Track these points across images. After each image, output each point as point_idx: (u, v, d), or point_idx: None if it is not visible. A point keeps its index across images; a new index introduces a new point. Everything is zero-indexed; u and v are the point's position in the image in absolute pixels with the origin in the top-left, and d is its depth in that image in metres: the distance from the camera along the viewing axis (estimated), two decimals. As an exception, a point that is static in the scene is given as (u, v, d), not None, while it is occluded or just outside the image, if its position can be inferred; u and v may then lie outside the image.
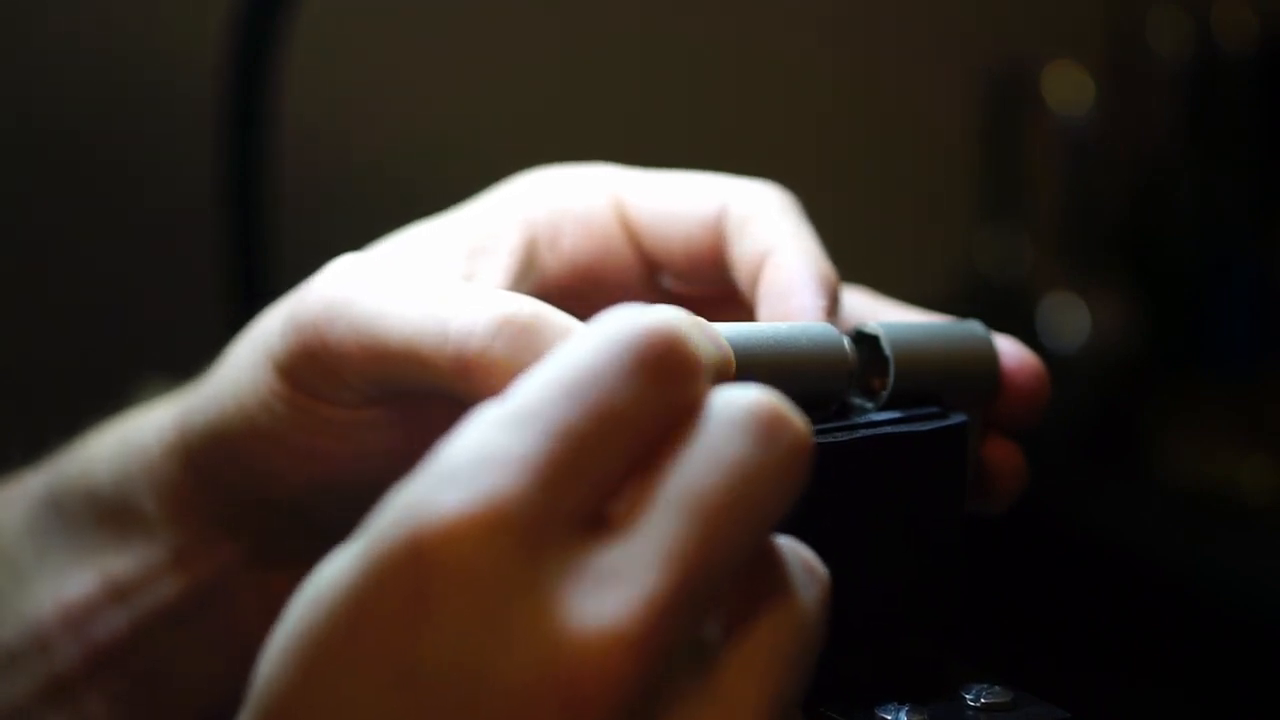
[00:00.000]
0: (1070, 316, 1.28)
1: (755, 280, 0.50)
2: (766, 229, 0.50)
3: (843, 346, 0.46)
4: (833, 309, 0.49)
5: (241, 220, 0.86)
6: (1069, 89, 1.30)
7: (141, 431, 0.54)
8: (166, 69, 1.03)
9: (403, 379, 0.47)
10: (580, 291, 0.53)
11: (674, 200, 0.52)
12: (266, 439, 0.49)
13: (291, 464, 0.50)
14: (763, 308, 0.49)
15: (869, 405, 0.47)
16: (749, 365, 0.44)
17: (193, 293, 1.01)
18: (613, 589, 0.34)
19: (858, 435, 0.45)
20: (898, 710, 0.43)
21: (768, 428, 0.37)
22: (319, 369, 0.48)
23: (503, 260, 0.51)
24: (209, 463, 0.51)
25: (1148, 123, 1.32)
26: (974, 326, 0.50)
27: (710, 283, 0.53)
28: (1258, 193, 1.31)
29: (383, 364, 0.46)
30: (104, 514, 0.54)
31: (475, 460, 0.35)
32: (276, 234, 0.87)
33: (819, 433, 0.44)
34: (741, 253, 0.51)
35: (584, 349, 0.36)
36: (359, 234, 0.59)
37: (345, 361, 0.47)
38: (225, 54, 0.85)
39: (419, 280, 0.47)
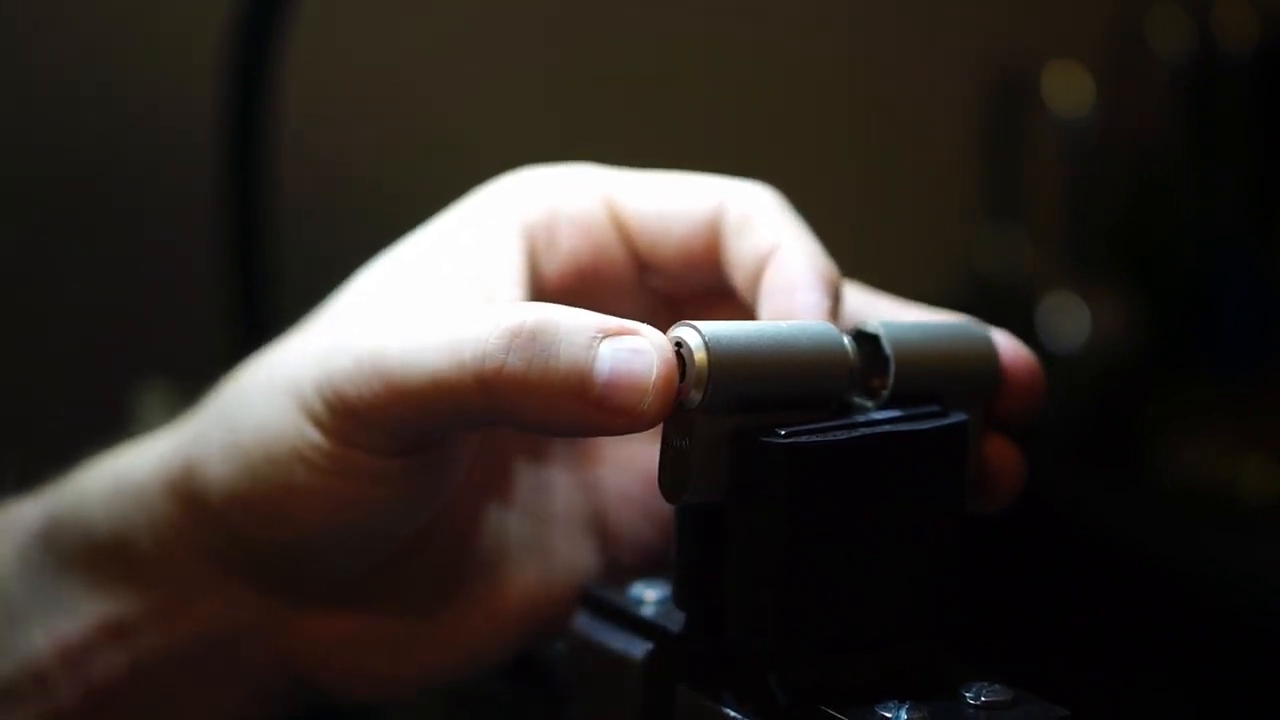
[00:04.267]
0: (1070, 316, 1.28)
1: (755, 279, 0.50)
2: (767, 228, 0.50)
3: (843, 346, 0.46)
4: (835, 307, 0.49)
5: (241, 224, 0.86)
6: (1069, 89, 1.30)
7: (137, 470, 0.53)
8: (165, 72, 1.03)
9: (439, 417, 0.46)
10: (577, 292, 0.53)
11: (667, 201, 0.52)
12: (301, 490, 0.49)
13: (325, 513, 0.49)
14: (765, 306, 0.49)
15: (869, 405, 0.47)
16: (749, 365, 0.44)
17: (192, 297, 1.00)
18: None
19: (857, 435, 0.45)
20: (898, 709, 0.43)
21: None
22: (362, 425, 0.47)
23: (515, 274, 0.51)
24: (228, 512, 0.51)
25: (1148, 123, 1.33)
26: (973, 325, 0.50)
27: (704, 283, 0.53)
28: (1258, 193, 1.31)
29: (417, 409, 0.46)
30: (100, 555, 0.53)
31: None
32: (276, 238, 0.87)
33: (819, 431, 0.44)
34: (741, 252, 0.51)
35: None
36: (359, 234, 0.59)
37: (384, 414, 0.47)
38: (224, 56, 0.85)
39: (433, 313, 0.47)
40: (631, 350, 0.44)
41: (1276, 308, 1.29)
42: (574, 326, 0.45)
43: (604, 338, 0.44)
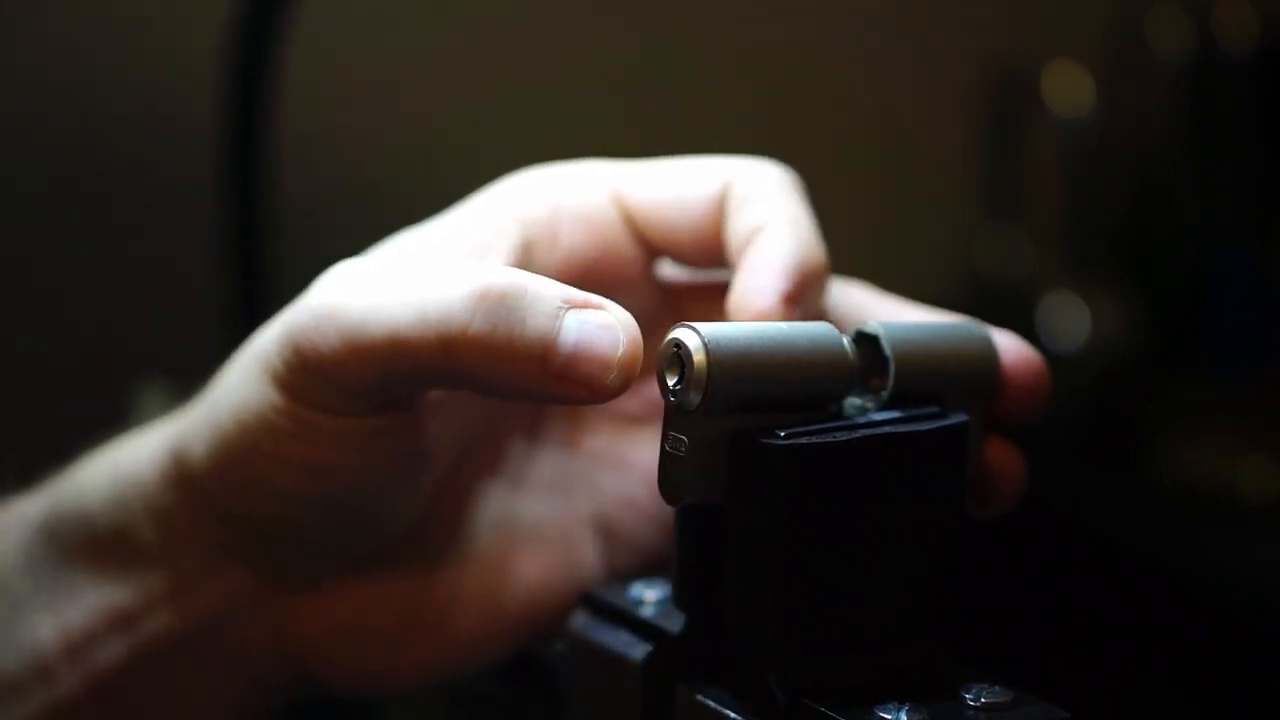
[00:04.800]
0: (1070, 316, 1.28)
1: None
2: (760, 207, 0.50)
3: (843, 346, 0.46)
4: (798, 294, 0.49)
5: (241, 224, 0.86)
6: (1069, 89, 1.30)
7: (135, 461, 0.53)
8: (165, 72, 1.03)
9: (396, 374, 0.46)
10: (581, 289, 0.53)
11: (675, 186, 0.52)
12: (270, 456, 0.49)
13: (297, 481, 0.49)
14: (734, 286, 0.49)
15: (869, 405, 0.47)
16: (749, 365, 0.44)
17: (192, 297, 1.00)
18: None
19: (857, 436, 0.45)
20: (898, 710, 0.43)
21: None
22: (318, 380, 0.47)
23: (499, 259, 0.51)
24: (210, 488, 0.51)
25: (1148, 123, 1.32)
26: (974, 326, 0.50)
27: (719, 265, 0.53)
28: (1258, 193, 1.31)
29: (373, 362, 0.46)
30: (101, 545, 0.54)
31: None
32: (276, 238, 0.87)
33: (818, 432, 0.44)
34: (734, 229, 0.51)
35: None
36: (359, 234, 0.59)
37: (340, 368, 0.47)
38: (225, 56, 0.85)
39: (401, 275, 0.47)
40: (598, 325, 0.44)
41: (1276, 308, 1.29)
42: (542, 294, 0.45)
43: (570, 308, 0.45)
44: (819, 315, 0.50)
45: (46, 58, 1.00)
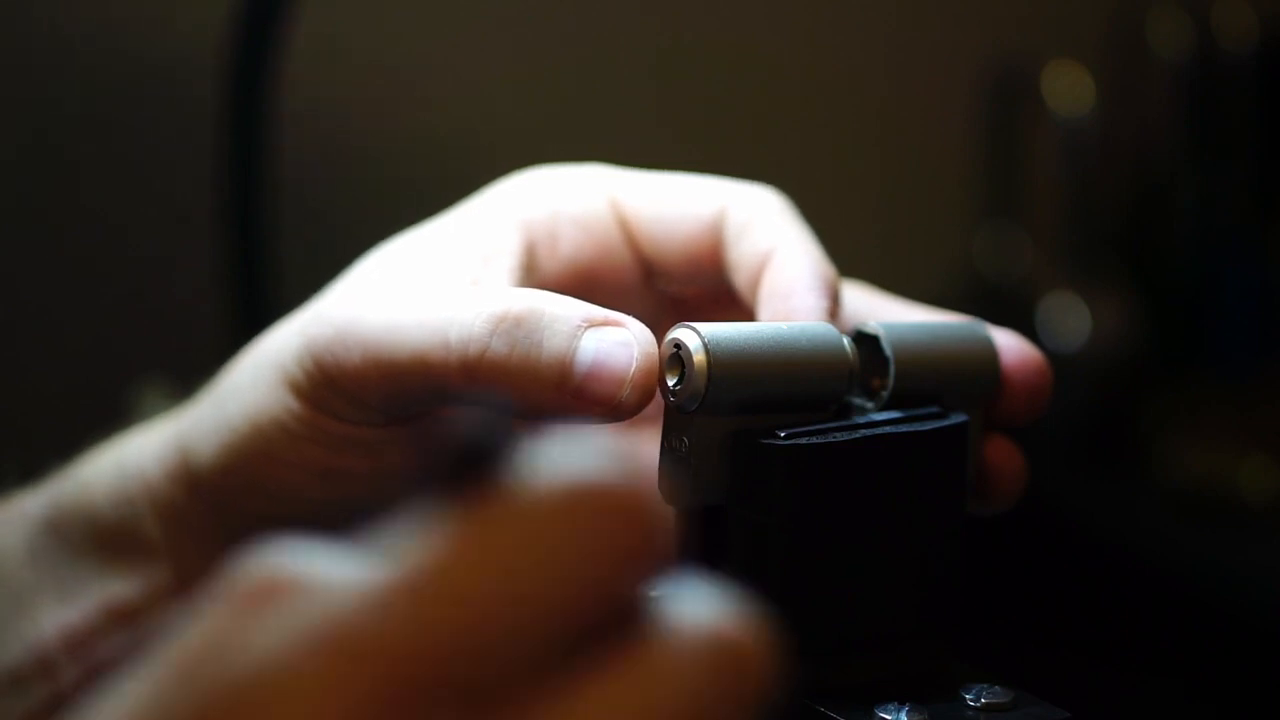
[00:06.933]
0: (1070, 316, 1.28)
1: (755, 282, 0.50)
2: (767, 231, 0.50)
3: (843, 346, 0.46)
4: (834, 310, 0.49)
5: (241, 224, 0.86)
6: (1069, 89, 1.30)
7: (139, 456, 0.54)
8: (166, 72, 1.03)
9: (418, 392, 0.47)
10: (579, 293, 0.52)
11: (672, 203, 0.52)
12: (283, 460, 0.50)
13: (308, 484, 0.50)
14: (765, 309, 0.49)
15: (869, 405, 0.47)
16: (749, 366, 0.44)
17: (192, 297, 1.00)
18: None
19: (858, 435, 0.45)
20: (898, 710, 0.43)
21: (732, 669, 0.29)
22: (339, 393, 0.48)
23: (506, 264, 0.51)
24: (218, 486, 0.51)
25: (1148, 123, 1.32)
26: (974, 326, 0.50)
27: (707, 284, 0.53)
28: (1258, 193, 1.31)
29: (397, 381, 0.47)
30: (105, 539, 0.54)
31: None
32: (276, 238, 0.87)
33: (819, 433, 0.44)
34: (741, 255, 0.51)
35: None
36: (359, 234, 0.59)
37: (363, 384, 0.47)
38: (225, 55, 0.85)
39: (419, 292, 0.47)
40: (615, 342, 0.45)
41: (1276, 308, 1.29)
42: (559, 315, 0.45)
43: (588, 328, 0.45)
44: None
45: (46, 58, 1.00)
